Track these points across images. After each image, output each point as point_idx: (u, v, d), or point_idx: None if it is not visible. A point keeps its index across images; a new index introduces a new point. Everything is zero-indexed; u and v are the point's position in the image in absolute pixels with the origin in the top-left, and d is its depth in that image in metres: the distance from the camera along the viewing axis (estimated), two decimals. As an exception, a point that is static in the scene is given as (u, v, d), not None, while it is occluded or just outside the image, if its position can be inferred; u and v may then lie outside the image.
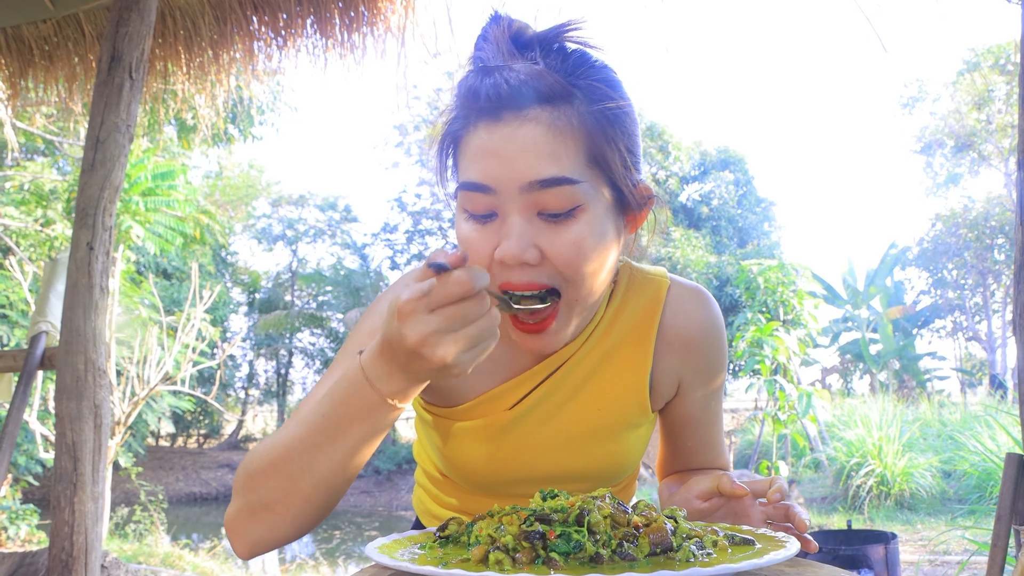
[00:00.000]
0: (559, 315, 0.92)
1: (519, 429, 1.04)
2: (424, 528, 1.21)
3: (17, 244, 9.99)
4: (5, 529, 7.23)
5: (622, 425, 1.06)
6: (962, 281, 23.11)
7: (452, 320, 0.71)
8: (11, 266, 8.08)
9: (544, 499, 0.83)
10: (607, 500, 0.79)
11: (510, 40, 0.92)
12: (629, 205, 0.94)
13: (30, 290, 7.70)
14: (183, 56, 3.66)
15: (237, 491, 0.90)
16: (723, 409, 1.20)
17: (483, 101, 0.87)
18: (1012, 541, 2.55)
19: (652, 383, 1.07)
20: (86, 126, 3.00)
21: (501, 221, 0.88)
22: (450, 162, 0.97)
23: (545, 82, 0.87)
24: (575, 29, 0.92)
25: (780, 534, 0.84)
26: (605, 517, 0.76)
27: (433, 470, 1.18)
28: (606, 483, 1.12)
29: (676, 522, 0.80)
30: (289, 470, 0.85)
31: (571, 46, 0.93)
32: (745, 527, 0.90)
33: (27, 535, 7.34)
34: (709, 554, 0.75)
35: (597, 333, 1.04)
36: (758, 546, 0.79)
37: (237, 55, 3.65)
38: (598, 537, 0.74)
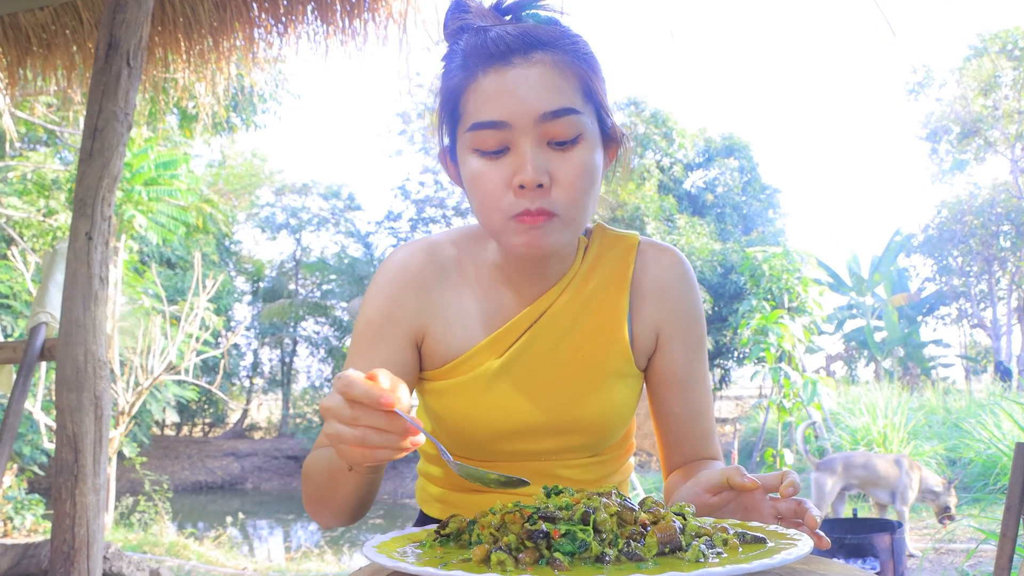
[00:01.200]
0: (555, 225, 0.98)
1: (509, 378, 1.08)
2: (426, 521, 1.19)
3: (20, 234, 9.99)
4: (11, 519, 7.26)
5: (609, 373, 1.11)
6: (967, 268, 22.97)
7: (351, 410, 0.74)
8: (13, 256, 8.08)
9: (548, 496, 0.80)
10: (613, 497, 0.77)
11: (493, 8, 1.04)
12: (611, 138, 1.06)
13: (33, 280, 7.70)
14: (183, 43, 3.62)
15: None
16: (723, 396, 1.20)
17: (492, 48, 0.97)
18: (1022, 530, 2.53)
19: (632, 335, 1.13)
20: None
21: (513, 153, 0.97)
22: (445, 127, 1.05)
23: (541, 31, 0.99)
24: None
25: (791, 531, 0.82)
26: (611, 515, 0.73)
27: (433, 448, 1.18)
28: (599, 440, 1.14)
29: (684, 519, 0.77)
30: (316, 484, 1.00)
31: (543, 14, 1.03)
32: (755, 523, 0.88)
33: (32, 524, 7.38)
34: (719, 553, 0.72)
35: (576, 282, 1.11)
36: (770, 544, 0.77)
37: (237, 42, 3.62)
38: (604, 536, 0.71)
